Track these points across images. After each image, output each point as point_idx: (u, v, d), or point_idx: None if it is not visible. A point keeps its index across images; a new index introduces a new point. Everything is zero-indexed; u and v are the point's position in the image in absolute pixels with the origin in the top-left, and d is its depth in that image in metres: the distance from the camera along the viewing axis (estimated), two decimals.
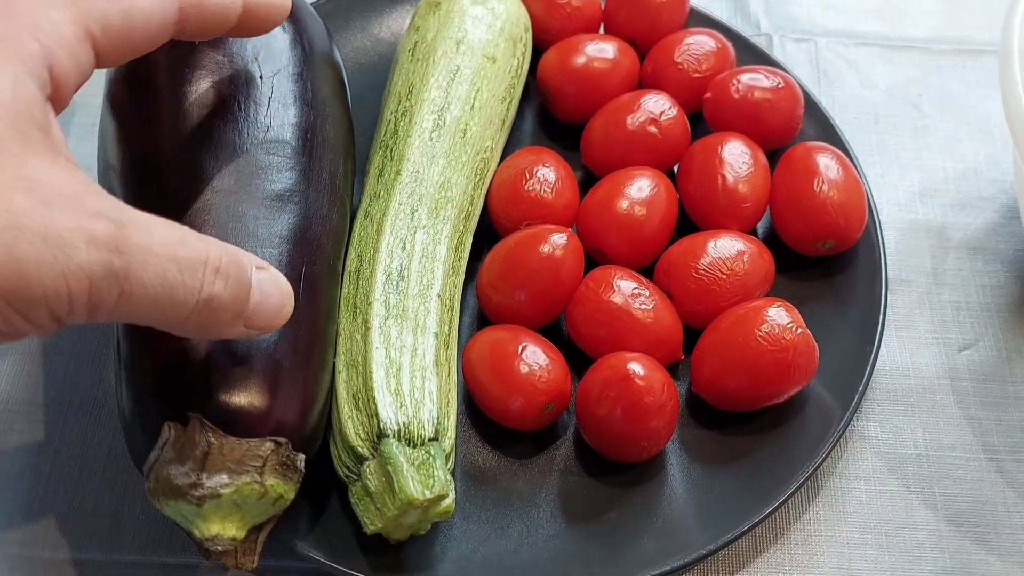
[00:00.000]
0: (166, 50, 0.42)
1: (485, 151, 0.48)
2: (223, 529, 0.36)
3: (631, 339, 0.44)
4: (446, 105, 0.47)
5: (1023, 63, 0.43)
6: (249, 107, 0.41)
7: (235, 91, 0.41)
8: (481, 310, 0.47)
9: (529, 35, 0.53)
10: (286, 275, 0.39)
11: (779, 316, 0.42)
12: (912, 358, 0.49)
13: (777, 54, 0.59)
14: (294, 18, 0.45)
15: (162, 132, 0.41)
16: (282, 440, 0.36)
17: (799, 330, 0.42)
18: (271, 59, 0.43)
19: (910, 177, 0.55)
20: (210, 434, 0.35)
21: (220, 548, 0.36)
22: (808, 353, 0.43)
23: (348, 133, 0.47)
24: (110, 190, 0.41)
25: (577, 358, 0.46)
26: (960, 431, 0.47)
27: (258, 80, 0.42)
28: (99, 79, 0.47)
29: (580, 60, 0.52)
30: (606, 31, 0.56)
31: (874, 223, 0.49)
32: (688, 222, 0.49)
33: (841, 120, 0.56)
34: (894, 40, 0.61)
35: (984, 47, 0.60)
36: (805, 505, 0.45)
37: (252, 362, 0.37)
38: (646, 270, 0.47)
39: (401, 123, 0.47)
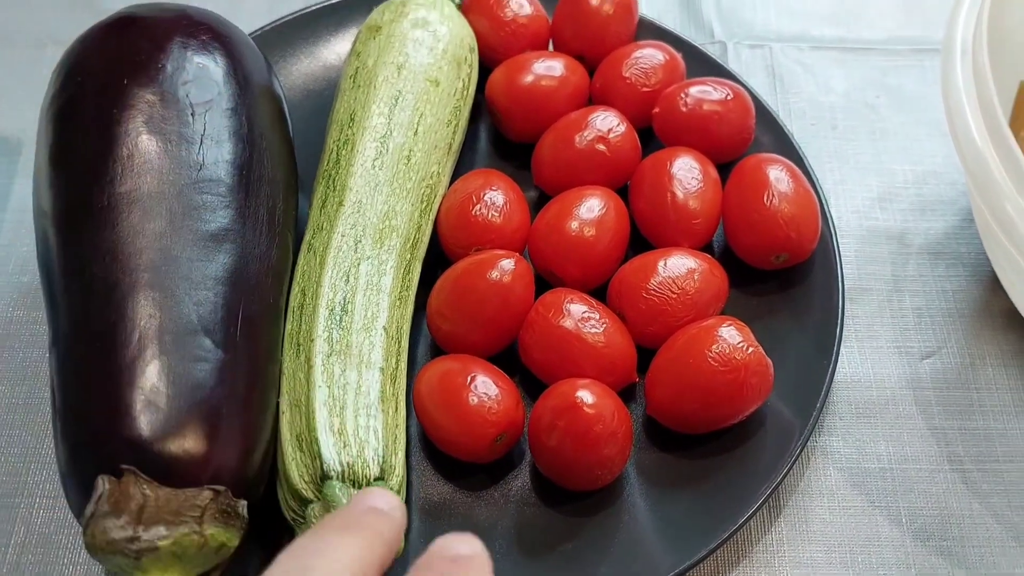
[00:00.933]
0: (93, 87, 0.42)
1: (431, 177, 0.48)
2: None
3: (583, 364, 0.43)
4: (388, 132, 0.47)
5: (965, 61, 0.42)
6: (180, 146, 0.41)
7: (165, 129, 0.41)
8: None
9: (475, 55, 0.52)
10: (223, 317, 0.39)
11: (730, 335, 0.42)
12: (874, 368, 0.48)
13: (731, 62, 0.58)
14: (227, 51, 0.44)
15: (91, 175, 0.40)
16: (220, 488, 0.36)
17: (750, 349, 0.42)
18: (203, 95, 0.42)
19: (868, 182, 0.54)
20: (145, 486, 0.35)
21: None
22: (761, 372, 0.42)
23: (289, 166, 0.46)
24: (43, 236, 0.41)
25: (532, 384, 0.45)
26: (924, 442, 0.46)
27: (189, 117, 0.41)
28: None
29: (527, 79, 0.51)
30: (554, 47, 0.55)
31: (830, 232, 0.48)
32: (642, 240, 0.49)
33: (798, 127, 0.56)
34: (850, 43, 0.60)
35: (940, 46, 0.59)
36: (768, 525, 0.44)
37: (187, 410, 0.36)
38: (600, 290, 0.47)
39: (343, 152, 0.46)
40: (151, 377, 0.36)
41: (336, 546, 0.28)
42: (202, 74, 0.42)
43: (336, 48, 0.56)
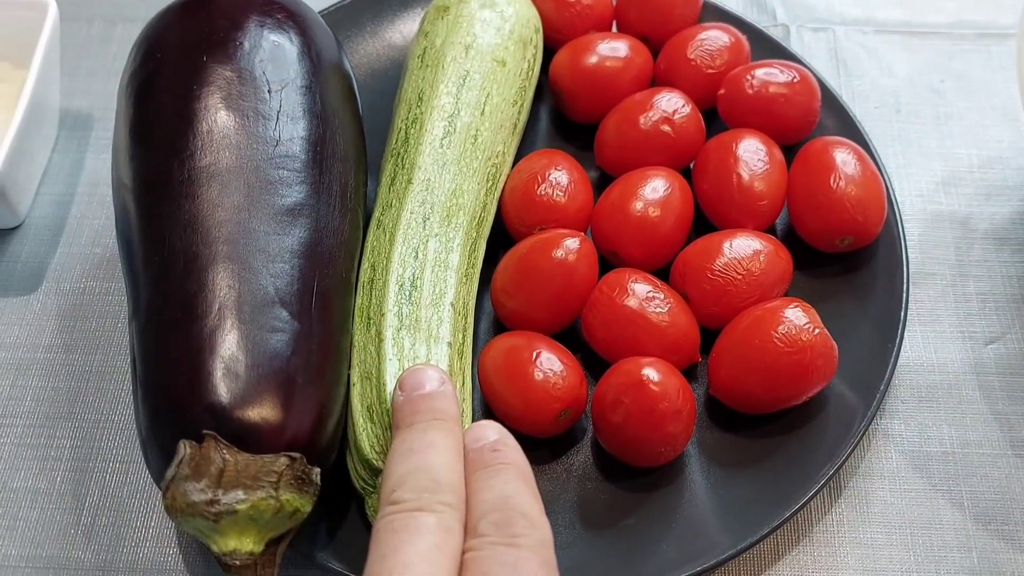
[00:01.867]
0: (172, 64, 0.43)
1: (497, 156, 0.48)
2: (240, 544, 0.36)
3: (647, 343, 0.43)
4: (456, 111, 0.47)
5: None
6: (258, 122, 0.41)
7: (243, 106, 0.41)
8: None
9: (540, 36, 0.53)
10: (298, 290, 0.39)
11: (796, 317, 0.42)
12: (937, 353, 0.48)
13: (794, 45, 0.58)
14: (301, 29, 0.45)
15: (171, 150, 0.41)
16: (296, 455, 0.37)
17: (816, 331, 0.42)
18: (279, 72, 0.43)
19: (933, 167, 0.54)
20: (225, 451, 0.36)
21: (239, 562, 0.36)
22: (826, 354, 0.42)
23: (359, 143, 0.47)
24: (123, 209, 0.42)
25: (594, 362, 0.45)
26: (987, 427, 0.46)
27: (266, 94, 0.42)
28: (115, 92, 0.48)
29: (592, 60, 0.52)
30: (618, 29, 0.55)
31: (895, 216, 0.48)
32: (705, 222, 0.49)
33: (861, 111, 0.56)
34: (915, 26, 0.60)
35: (1007, 30, 0.59)
36: (828, 506, 0.44)
37: (265, 379, 0.37)
38: (662, 271, 0.47)
39: (412, 131, 0.47)
40: (230, 346, 0.37)
41: (430, 445, 0.35)
42: (278, 52, 0.43)
43: (402, 28, 0.56)
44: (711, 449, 0.44)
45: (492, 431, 0.36)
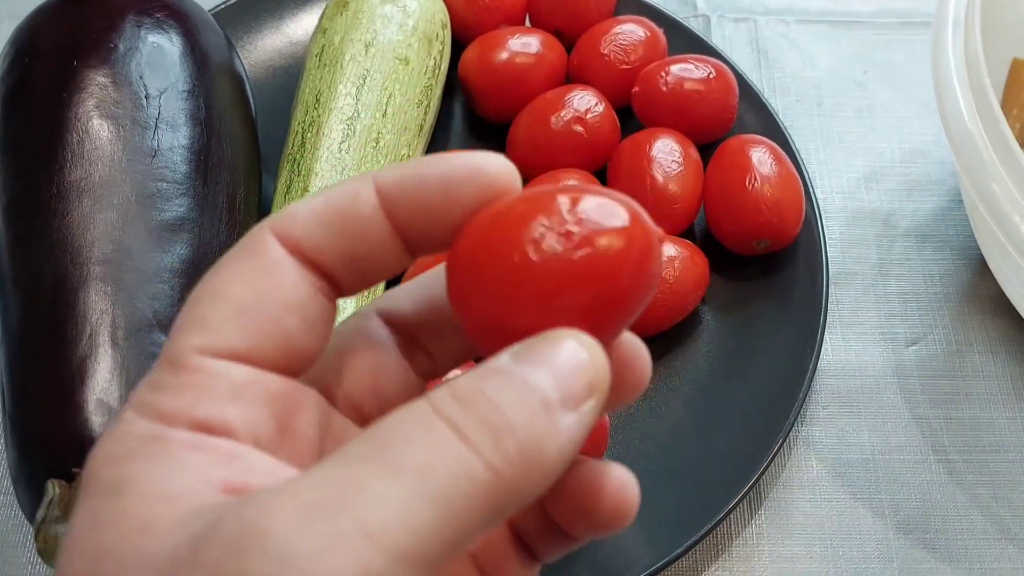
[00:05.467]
0: (42, 69, 0.40)
1: (401, 159, 0.46)
2: None
3: None
4: (356, 113, 0.45)
5: (957, 37, 0.41)
6: (134, 131, 0.39)
7: (117, 114, 0.39)
8: None
9: (447, 32, 0.50)
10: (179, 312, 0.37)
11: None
12: (858, 356, 0.47)
13: (715, 36, 0.56)
14: (184, 29, 0.42)
15: (39, 163, 0.38)
16: None
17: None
18: (158, 77, 0.40)
19: (855, 162, 0.53)
20: None
21: None
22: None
23: (251, 150, 0.44)
24: None
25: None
26: (908, 432, 0.45)
27: (143, 100, 0.39)
28: None
29: (502, 56, 0.49)
30: (531, 23, 0.53)
31: (815, 215, 0.47)
32: None
33: (783, 103, 0.54)
34: (837, 15, 0.58)
35: (931, 19, 0.57)
36: (747, 519, 0.43)
37: None
38: None
39: (308, 135, 0.44)
40: (103, 376, 0.35)
41: None
42: (157, 54, 0.40)
43: (303, 23, 0.54)
44: (628, 462, 0.42)
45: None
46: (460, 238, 0.19)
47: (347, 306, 0.40)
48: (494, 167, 0.20)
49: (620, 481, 0.22)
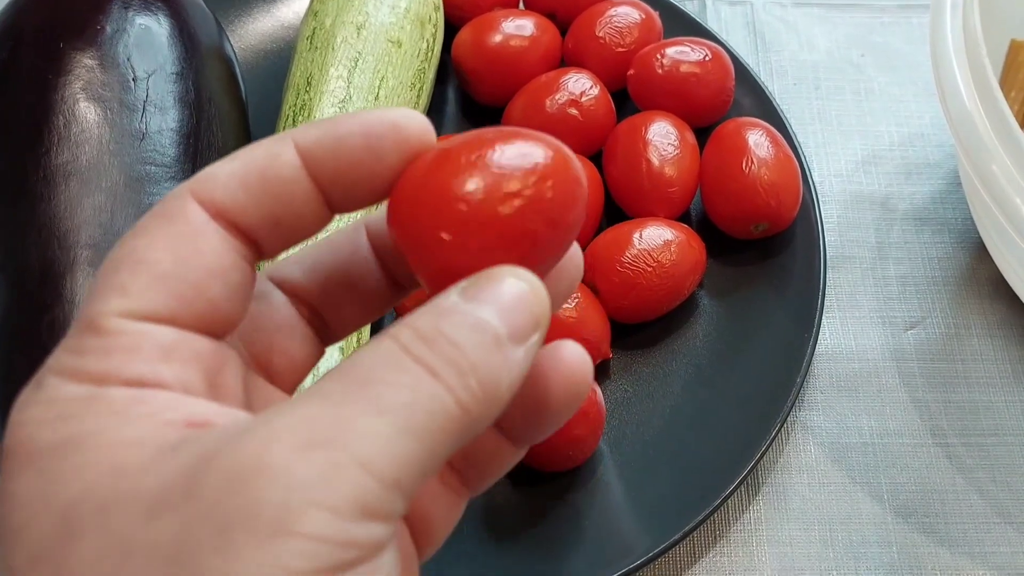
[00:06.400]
0: (28, 53, 0.39)
1: None
2: None
3: (553, 339, 0.41)
4: (348, 97, 0.44)
5: (955, 17, 0.40)
6: (122, 114, 0.38)
7: (105, 96, 0.38)
8: None
9: (440, 14, 0.50)
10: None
11: None
12: (856, 340, 0.46)
13: (711, 20, 0.56)
14: (172, 10, 0.41)
15: (25, 146, 0.37)
16: None
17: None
18: (146, 59, 0.39)
19: (852, 145, 0.52)
20: None
21: None
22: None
23: (241, 134, 0.43)
24: None
25: None
26: (907, 415, 0.45)
27: (131, 83, 0.39)
28: None
29: (496, 38, 0.49)
30: (525, 5, 0.52)
31: (812, 199, 0.46)
32: (616, 209, 0.46)
33: (779, 87, 0.54)
34: None
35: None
36: (745, 503, 0.42)
37: None
38: None
39: (300, 119, 0.44)
40: None
41: None
42: (145, 36, 0.40)
43: (294, 5, 0.53)
44: (625, 448, 0.42)
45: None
46: (397, 191, 0.20)
47: None
48: (413, 121, 0.21)
49: (571, 355, 0.23)
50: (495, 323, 0.19)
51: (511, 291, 0.19)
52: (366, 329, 0.42)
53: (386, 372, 0.18)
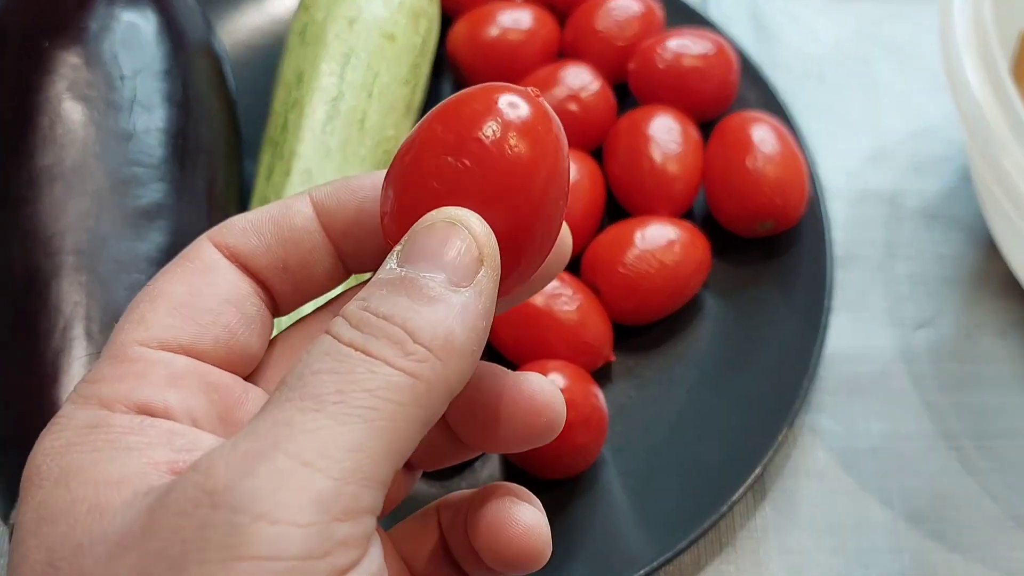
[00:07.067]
0: (12, 52, 0.38)
1: (387, 141, 0.44)
2: None
3: (555, 343, 0.40)
4: (340, 93, 0.43)
5: (965, 8, 0.39)
6: (108, 114, 0.37)
7: (91, 96, 0.37)
8: None
9: (435, 7, 0.48)
10: None
11: None
12: (866, 340, 0.45)
13: (712, 11, 0.55)
14: (159, 7, 0.40)
15: (9, 148, 0.36)
16: None
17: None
18: (133, 57, 0.38)
19: (860, 140, 0.51)
20: None
21: None
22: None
23: (230, 134, 0.42)
24: None
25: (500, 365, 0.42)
26: (917, 418, 0.43)
27: (118, 82, 0.38)
28: None
29: (493, 32, 0.47)
30: None
31: (818, 196, 0.45)
32: (618, 207, 0.45)
33: (784, 81, 0.52)
34: None
35: None
36: (752, 510, 0.41)
37: None
38: (573, 263, 0.43)
39: (290, 116, 0.43)
40: (78, 371, 0.33)
41: None
42: (131, 34, 0.39)
43: (285, 0, 0.52)
44: (628, 454, 0.41)
45: None
46: (390, 168, 0.21)
47: None
48: None
49: (534, 386, 0.23)
50: (426, 275, 0.18)
51: (441, 235, 0.19)
52: None
53: (319, 364, 0.18)
